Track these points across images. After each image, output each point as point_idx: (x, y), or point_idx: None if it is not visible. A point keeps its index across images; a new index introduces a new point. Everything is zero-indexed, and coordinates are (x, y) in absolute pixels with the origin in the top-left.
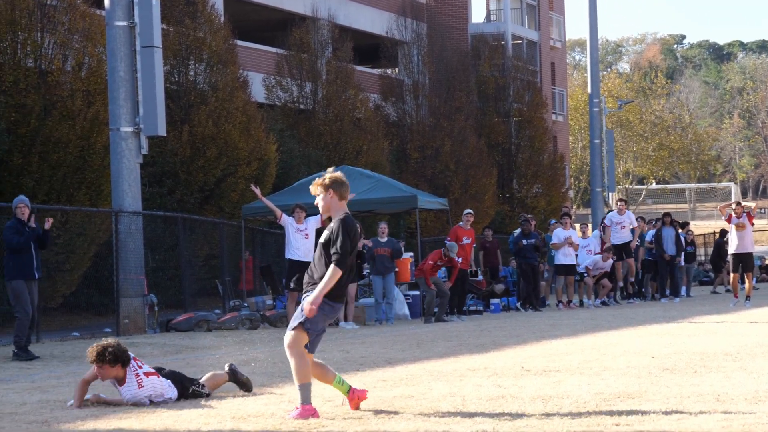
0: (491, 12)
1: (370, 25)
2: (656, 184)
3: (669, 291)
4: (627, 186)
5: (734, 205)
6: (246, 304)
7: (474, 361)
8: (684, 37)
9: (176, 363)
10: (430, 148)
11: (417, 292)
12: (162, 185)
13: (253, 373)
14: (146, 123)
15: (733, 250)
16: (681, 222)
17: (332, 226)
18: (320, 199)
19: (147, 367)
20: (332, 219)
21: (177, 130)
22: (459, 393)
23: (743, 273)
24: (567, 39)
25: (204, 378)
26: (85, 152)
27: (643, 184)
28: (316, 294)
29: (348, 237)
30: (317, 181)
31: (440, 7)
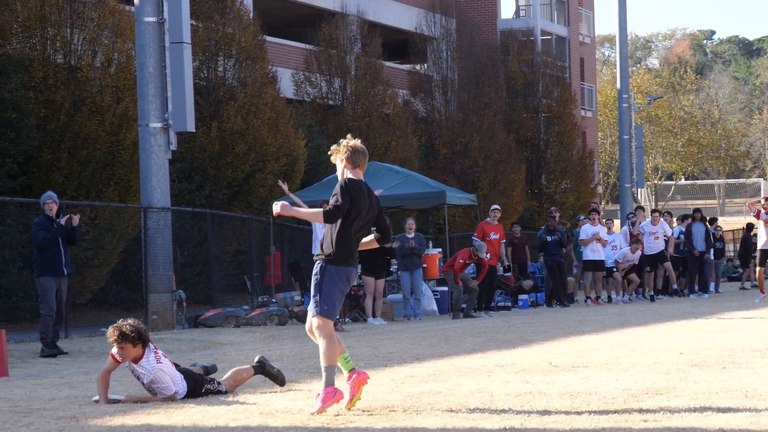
0: (520, 7)
1: (399, 21)
2: (685, 179)
3: (698, 287)
4: (656, 182)
5: (763, 200)
6: (274, 300)
7: (502, 357)
8: (714, 32)
9: (204, 359)
10: (458, 144)
11: (445, 288)
12: (191, 181)
13: (282, 369)
14: (175, 119)
15: (761, 245)
16: (709, 218)
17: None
18: (338, 167)
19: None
20: None
21: (206, 126)
22: (487, 389)
23: None
24: (596, 34)
25: (225, 376)
26: (114, 148)
27: (672, 179)
28: (292, 208)
29: (346, 196)
30: (334, 149)
31: (469, 2)
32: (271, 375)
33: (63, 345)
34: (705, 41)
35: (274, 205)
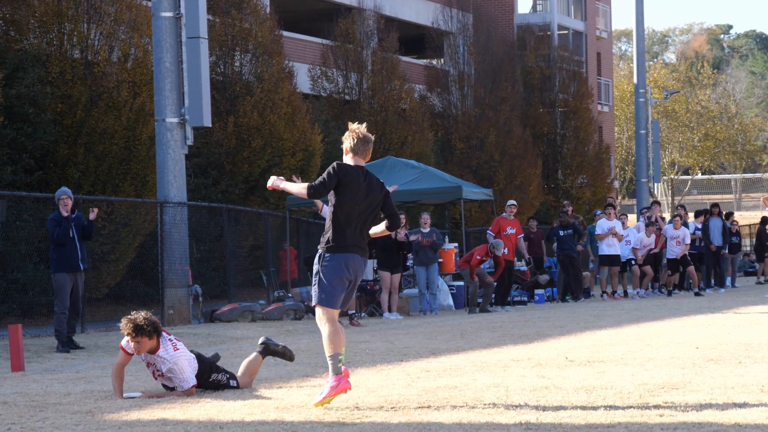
0: (537, 2)
1: (415, 16)
2: (702, 174)
3: (714, 282)
4: (672, 176)
5: None
6: (290, 295)
7: (518, 351)
8: (731, 27)
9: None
10: (475, 139)
11: (461, 283)
12: (207, 176)
13: (298, 364)
14: (192, 114)
15: None
16: (725, 213)
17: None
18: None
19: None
20: None
21: (222, 121)
22: (503, 384)
23: None
24: (613, 29)
25: (239, 373)
26: (131, 143)
27: (689, 174)
28: (283, 182)
29: (333, 177)
30: (345, 137)
31: None
32: (277, 353)
33: (79, 340)
34: (722, 36)
35: (269, 180)
